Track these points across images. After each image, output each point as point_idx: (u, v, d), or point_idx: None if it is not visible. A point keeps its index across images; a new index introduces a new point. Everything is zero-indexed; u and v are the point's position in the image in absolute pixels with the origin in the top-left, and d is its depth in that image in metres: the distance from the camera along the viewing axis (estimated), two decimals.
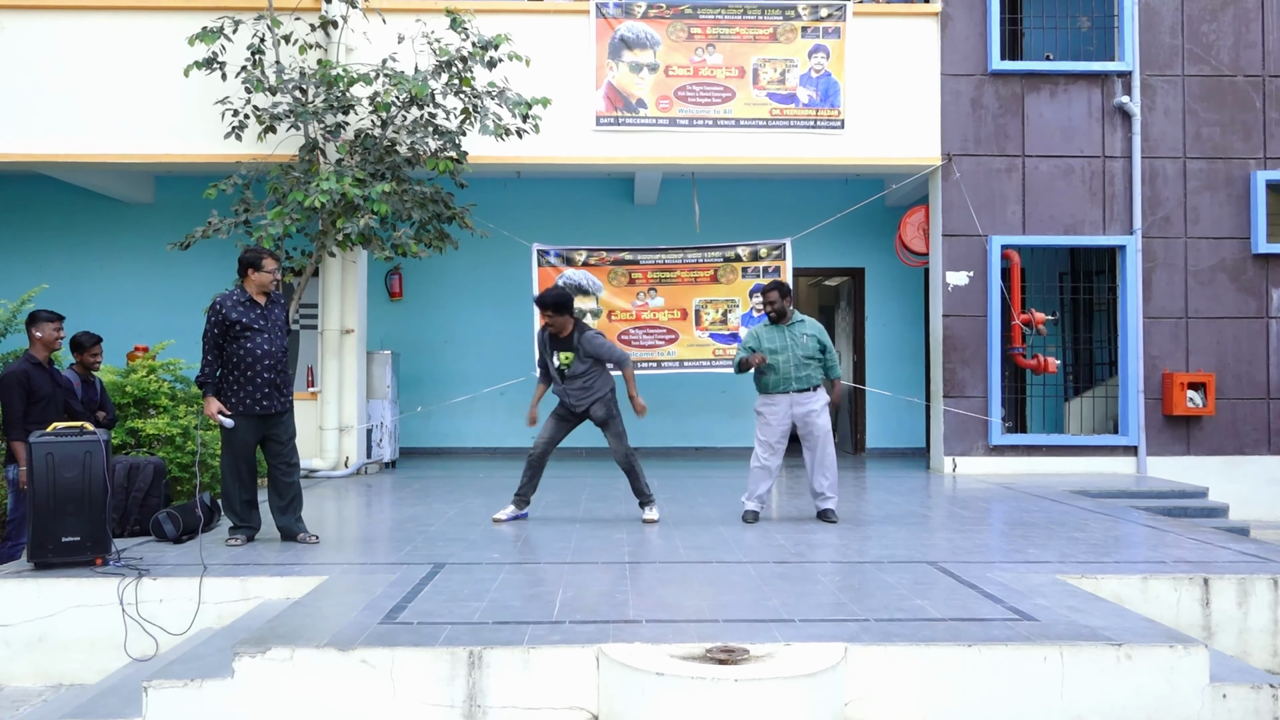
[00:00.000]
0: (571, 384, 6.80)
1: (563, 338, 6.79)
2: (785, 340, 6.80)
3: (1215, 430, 9.89)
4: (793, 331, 6.82)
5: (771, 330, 6.88)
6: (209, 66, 8.78)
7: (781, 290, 6.89)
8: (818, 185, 11.88)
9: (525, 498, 7.02)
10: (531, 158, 9.81)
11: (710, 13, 9.89)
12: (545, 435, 6.92)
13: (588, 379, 6.82)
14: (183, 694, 3.88)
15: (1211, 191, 9.96)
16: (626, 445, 6.90)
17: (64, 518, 5.25)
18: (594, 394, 6.83)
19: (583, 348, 6.76)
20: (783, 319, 6.86)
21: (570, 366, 6.78)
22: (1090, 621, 4.31)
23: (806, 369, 6.77)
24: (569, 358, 6.78)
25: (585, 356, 6.76)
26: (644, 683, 3.72)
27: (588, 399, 6.83)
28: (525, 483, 6.98)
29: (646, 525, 6.81)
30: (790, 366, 6.75)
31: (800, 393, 6.79)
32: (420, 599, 4.71)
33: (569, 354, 6.78)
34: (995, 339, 9.89)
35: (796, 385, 6.77)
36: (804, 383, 6.78)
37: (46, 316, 6.19)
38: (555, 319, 6.70)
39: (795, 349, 6.76)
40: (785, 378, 6.77)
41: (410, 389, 11.73)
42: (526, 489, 7.00)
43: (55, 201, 11.64)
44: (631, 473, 6.94)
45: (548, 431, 6.92)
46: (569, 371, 6.79)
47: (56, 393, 6.25)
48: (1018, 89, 10.01)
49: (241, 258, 6.06)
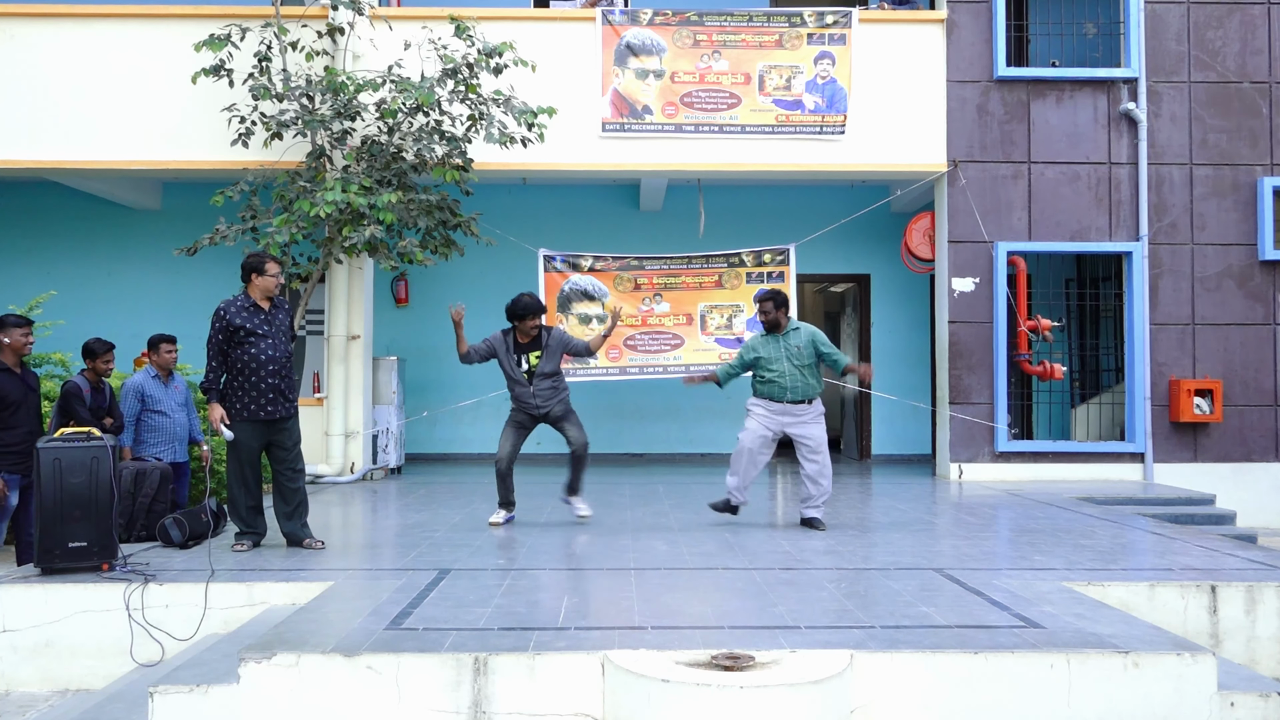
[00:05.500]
0: (541, 384, 6.87)
1: (530, 340, 6.87)
2: (780, 350, 6.80)
3: (1222, 437, 9.85)
4: (787, 341, 6.81)
5: (766, 340, 6.88)
6: (216, 74, 8.82)
7: (776, 300, 6.87)
8: (823, 191, 11.88)
9: (510, 502, 7.14)
10: (538, 164, 9.83)
11: (716, 19, 9.90)
12: (508, 447, 6.98)
13: (556, 379, 6.94)
14: (188, 700, 3.89)
15: (1218, 198, 9.94)
16: (585, 436, 7.01)
17: (71, 523, 5.27)
18: (559, 394, 6.95)
19: (554, 343, 6.88)
20: (776, 329, 6.86)
21: (538, 366, 6.86)
22: (1097, 629, 4.29)
23: (803, 378, 6.75)
24: (538, 357, 6.86)
25: (553, 354, 6.86)
26: (649, 689, 3.72)
27: (554, 399, 6.91)
28: (505, 491, 7.09)
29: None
30: (785, 377, 6.74)
31: (795, 404, 6.77)
32: (426, 605, 4.71)
33: (538, 353, 6.87)
34: (1001, 345, 9.87)
35: (792, 396, 6.75)
36: (799, 394, 6.75)
37: (15, 322, 6.16)
38: (536, 321, 6.81)
39: (791, 358, 6.75)
40: (781, 387, 6.76)
41: (416, 395, 11.74)
42: (508, 494, 7.11)
43: (63, 208, 11.68)
44: (583, 462, 7.04)
45: (509, 443, 6.99)
46: (538, 371, 6.86)
47: (29, 397, 6.19)
48: (1023, 95, 10.01)
49: (244, 263, 6.07)
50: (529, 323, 6.81)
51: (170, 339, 7.24)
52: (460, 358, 6.92)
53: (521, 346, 6.89)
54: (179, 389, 7.21)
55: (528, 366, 6.86)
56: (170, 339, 7.24)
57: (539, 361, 6.86)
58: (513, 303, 6.90)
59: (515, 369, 6.88)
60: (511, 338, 6.92)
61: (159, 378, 7.11)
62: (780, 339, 6.83)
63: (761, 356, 6.81)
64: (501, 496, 7.09)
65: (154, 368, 7.13)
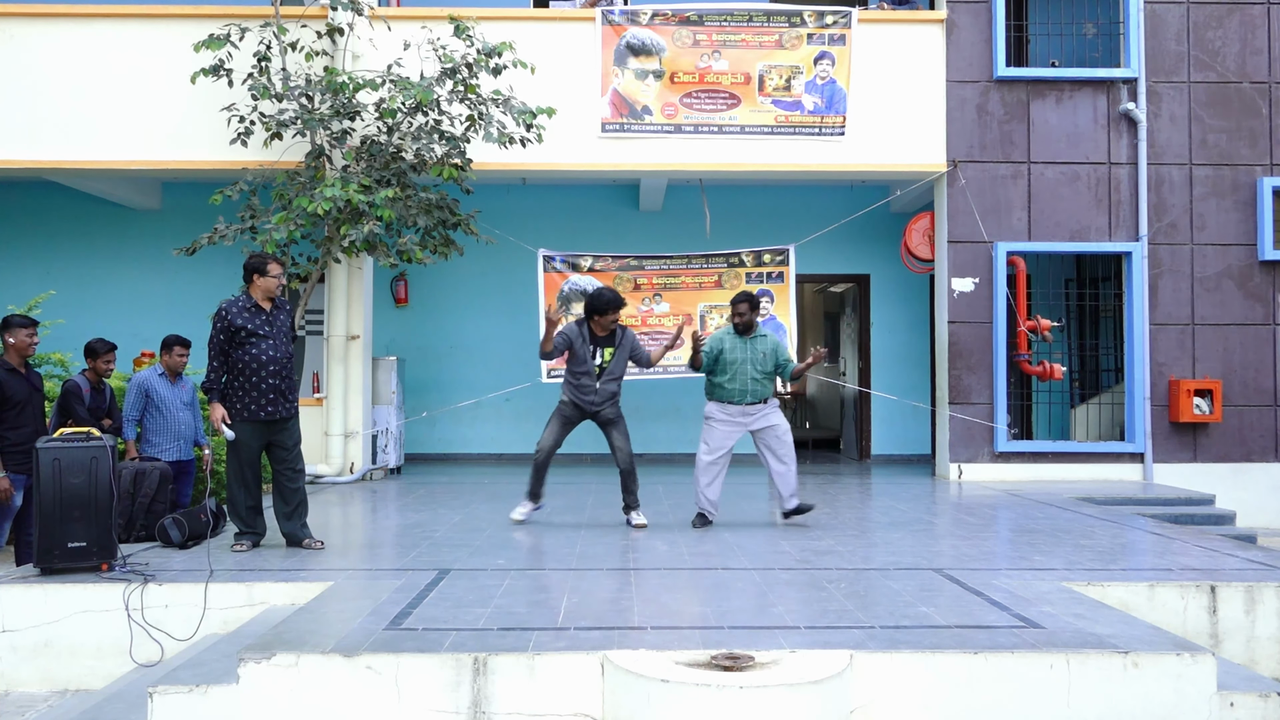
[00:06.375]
0: (607, 381, 6.87)
1: (606, 335, 6.88)
2: (745, 353, 6.88)
3: (1222, 437, 9.85)
4: (753, 345, 6.90)
5: (735, 340, 6.93)
6: (216, 74, 8.82)
7: (752, 303, 6.97)
8: (823, 191, 11.89)
9: (538, 494, 7.07)
10: (537, 164, 9.82)
11: (716, 20, 9.90)
12: (551, 438, 6.96)
13: (619, 381, 6.94)
14: (188, 700, 3.89)
15: (1218, 198, 9.94)
16: (630, 447, 6.99)
17: (70, 523, 5.27)
18: (618, 397, 6.95)
19: (626, 344, 6.90)
20: (749, 331, 6.92)
21: (609, 364, 6.87)
22: (1097, 629, 4.29)
23: (760, 384, 6.88)
24: (612, 353, 6.87)
25: (623, 355, 6.88)
26: (649, 689, 3.72)
27: (611, 399, 6.91)
28: (536, 481, 7.04)
29: (636, 530, 6.84)
30: (746, 379, 6.84)
31: (752, 405, 6.88)
32: (425, 605, 4.71)
33: (612, 349, 6.87)
34: (1001, 345, 9.88)
35: (751, 398, 6.87)
36: (756, 395, 6.88)
37: (19, 322, 6.18)
38: (616, 315, 6.81)
39: (754, 362, 6.85)
40: (741, 390, 6.85)
41: (415, 395, 11.74)
42: (539, 485, 7.05)
43: (62, 207, 11.69)
44: (632, 475, 6.98)
45: (553, 434, 6.96)
46: (607, 368, 6.87)
47: (34, 397, 6.22)
48: (1023, 95, 10.01)
49: (246, 264, 6.08)
50: (609, 317, 6.82)
51: (184, 342, 7.14)
52: (542, 355, 6.92)
53: (598, 339, 6.88)
54: (185, 388, 7.18)
55: (601, 360, 6.87)
56: (184, 342, 7.14)
57: (612, 358, 6.87)
58: (595, 295, 6.92)
59: (589, 360, 6.85)
60: (587, 329, 6.90)
61: (165, 376, 7.09)
62: (748, 342, 6.90)
63: (726, 355, 6.87)
64: (532, 487, 7.03)
65: (162, 366, 7.11)
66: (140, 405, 6.97)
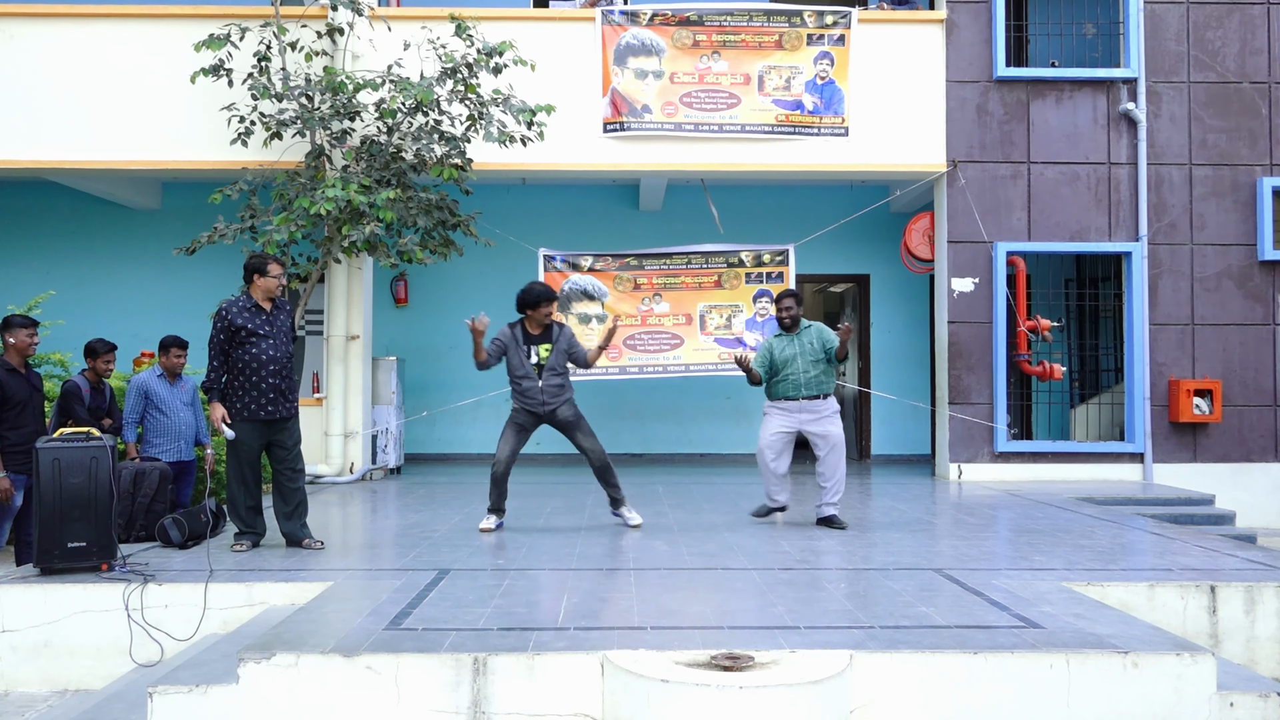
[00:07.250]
0: (550, 379, 6.69)
1: (541, 332, 6.75)
2: (795, 348, 6.86)
3: (1222, 437, 9.85)
4: (800, 339, 6.88)
5: (783, 340, 6.93)
6: (215, 73, 8.82)
7: (797, 298, 6.99)
8: (823, 191, 11.89)
9: (500, 509, 6.90)
10: (537, 164, 9.83)
11: (716, 20, 9.90)
12: (507, 450, 6.75)
13: (564, 377, 6.76)
14: (188, 700, 3.89)
15: (1218, 198, 9.94)
16: (600, 443, 6.85)
17: (70, 523, 5.26)
18: (566, 392, 6.77)
19: (564, 340, 6.74)
20: (794, 327, 6.92)
21: (547, 361, 6.69)
22: (1097, 629, 4.29)
23: (815, 376, 6.82)
24: (548, 350, 6.70)
25: (560, 352, 6.72)
26: (649, 689, 3.72)
27: (560, 398, 6.72)
28: (496, 497, 6.84)
29: (634, 530, 6.80)
30: (801, 374, 6.81)
31: (810, 399, 6.83)
32: (425, 605, 4.71)
33: (548, 346, 6.71)
34: (1001, 345, 9.88)
35: (807, 391, 6.82)
36: (813, 389, 6.82)
37: (20, 322, 6.18)
38: (550, 309, 6.69)
39: (805, 354, 6.82)
40: (796, 384, 6.82)
41: (415, 395, 11.74)
42: (500, 500, 6.87)
43: (62, 207, 11.69)
44: (609, 470, 6.82)
45: (509, 444, 6.76)
46: (548, 365, 6.69)
47: (34, 397, 6.22)
48: (1023, 95, 10.01)
49: (247, 264, 6.09)
50: (542, 310, 6.67)
51: (181, 343, 7.09)
52: (478, 365, 6.67)
53: (532, 338, 6.72)
54: (185, 388, 7.17)
55: (537, 359, 6.69)
56: (181, 343, 7.09)
57: (549, 355, 6.69)
58: (525, 291, 6.77)
59: (525, 362, 6.69)
60: (520, 330, 6.75)
61: (164, 377, 7.08)
62: (795, 338, 6.89)
63: (777, 356, 6.85)
64: (493, 502, 6.84)
65: (160, 367, 7.10)
66: (140, 408, 6.96)
